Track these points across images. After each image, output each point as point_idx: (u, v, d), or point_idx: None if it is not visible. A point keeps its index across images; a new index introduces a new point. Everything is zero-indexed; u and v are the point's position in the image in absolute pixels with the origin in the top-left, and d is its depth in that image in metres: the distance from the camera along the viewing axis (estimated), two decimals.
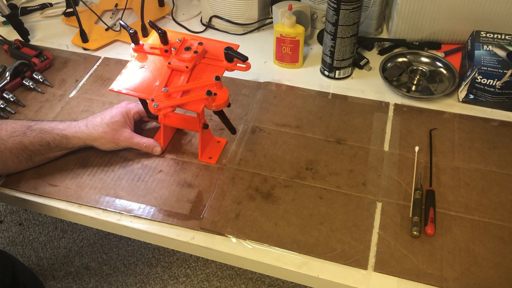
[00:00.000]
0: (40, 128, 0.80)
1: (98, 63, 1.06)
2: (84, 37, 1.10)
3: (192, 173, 0.82)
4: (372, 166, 0.81)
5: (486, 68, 0.87)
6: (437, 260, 0.68)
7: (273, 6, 1.04)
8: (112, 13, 1.21)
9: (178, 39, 0.81)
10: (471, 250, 0.69)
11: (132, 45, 0.83)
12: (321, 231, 0.72)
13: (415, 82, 0.96)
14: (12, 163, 0.79)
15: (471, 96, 0.91)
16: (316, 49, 1.07)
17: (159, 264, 1.57)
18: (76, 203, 0.78)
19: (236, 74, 0.99)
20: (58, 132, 0.80)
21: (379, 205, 0.75)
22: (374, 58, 1.04)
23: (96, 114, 0.84)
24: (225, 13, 1.11)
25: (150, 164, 0.83)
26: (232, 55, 0.76)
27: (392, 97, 0.94)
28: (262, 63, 1.05)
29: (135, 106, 0.86)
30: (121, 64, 1.05)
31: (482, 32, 0.94)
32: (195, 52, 0.79)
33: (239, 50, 0.76)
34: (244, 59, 0.76)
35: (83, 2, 1.19)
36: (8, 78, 0.98)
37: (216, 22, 1.14)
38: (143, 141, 0.84)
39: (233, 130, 0.83)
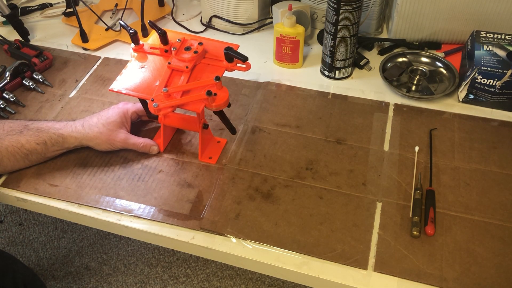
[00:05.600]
0: (37, 127, 0.80)
1: (98, 63, 1.06)
2: (84, 37, 1.10)
3: (192, 173, 0.82)
4: (372, 166, 0.81)
5: (486, 68, 0.87)
6: (437, 260, 0.68)
7: (273, 6, 1.04)
8: (112, 13, 1.21)
9: (178, 39, 0.81)
10: (471, 250, 0.69)
11: (132, 45, 0.83)
12: (321, 231, 0.72)
13: (415, 82, 0.96)
14: (9, 162, 0.79)
15: (471, 96, 0.91)
16: (316, 49, 1.07)
17: (159, 264, 1.57)
18: (76, 203, 0.78)
19: (236, 74, 0.99)
20: (55, 131, 0.80)
21: (379, 205, 0.75)
22: (374, 58, 1.04)
23: (93, 114, 0.84)
24: (225, 13, 1.11)
25: (150, 164, 0.84)
26: (232, 55, 0.76)
27: (392, 97, 0.94)
28: (262, 63, 1.05)
29: (133, 106, 0.86)
30: (121, 64, 1.05)
31: (482, 32, 0.94)
32: (195, 52, 0.79)
33: (239, 50, 0.76)
34: (244, 59, 0.76)
35: (83, 2, 1.19)
36: (8, 78, 0.98)
37: (216, 22, 1.14)
38: (139, 142, 0.83)
39: (233, 130, 0.83)
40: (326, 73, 0.99)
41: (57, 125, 0.81)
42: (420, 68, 0.99)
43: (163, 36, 0.80)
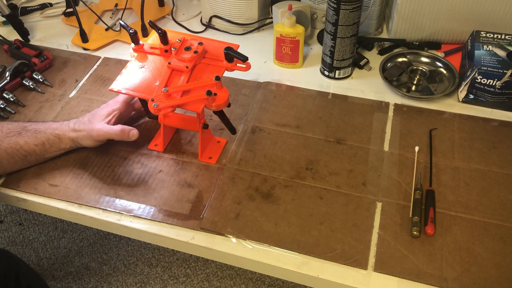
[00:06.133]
0: (35, 129, 0.80)
1: (98, 63, 1.06)
2: (84, 37, 1.10)
3: (192, 173, 0.82)
4: (372, 166, 0.81)
5: (486, 68, 0.87)
6: (437, 260, 0.68)
7: (273, 6, 1.04)
8: (112, 13, 1.21)
9: (178, 39, 0.81)
10: (471, 250, 0.69)
11: (132, 45, 0.83)
12: (321, 231, 0.72)
13: (415, 82, 0.96)
14: (8, 163, 0.79)
15: (471, 96, 0.91)
16: (316, 49, 1.07)
17: (159, 264, 1.57)
18: (76, 203, 0.78)
19: (236, 74, 0.99)
20: (52, 132, 0.81)
21: (379, 205, 0.75)
22: (374, 58, 1.04)
23: (87, 114, 0.84)
24: (225, 13, 1.11)
25: (150, 164, 0.83)
26: (232, 55, 0.76)
27: (392, 97, 0.94)
28: (262, 63, 1.05)
29: (120, 96, 0.84)
30: (121, 64, 1.05)
31: (482, 32, 0.94)
32: (195, 52, 0.79)
33: (239, 50, 0.76)
34: (244, 59, 0.76)
35: (83, 2, 1.19)
36: (8, 78, 0.98)
37: (216, 22, 1.14)
38: (116, 128, 0.80)
39: (233, 130, 0.83)
40: (326, 73, 0.99)
41: (53, 126, 0.82)
42: (420, 68, 0.99)
43: (163, 36, 0.80)
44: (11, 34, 1.14)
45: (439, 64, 0.99)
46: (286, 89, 0.97)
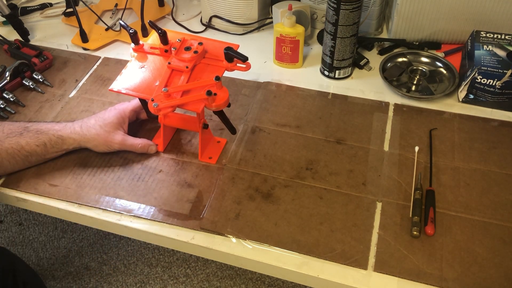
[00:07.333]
0: (36, 129, 0.80)
1: (98, 63, 1.06)
2: (84, 37, 1.10)
3: (192, 173, 0.82)
4: (372, 166, 0.81)
5: (486, 68, 0.87)
6: (437, 260, 0.68)
7: (273, 6, 1.04)
8: (112, 13, 1.21)
9: (178, 39, 0.81)
10: (471, 250, 0.69)
11: (132, 45, 0.83)
12: (321, 231, 0.72)
13: (415, 82, 0.96)
14: (9, 163, 0.79)
15: (471, 96, 0.91)
16: (316, 49, 1.07)
17: (159, 264, 1.57)
18: (76, 203, 0.78)
19: (236, 74, 0.99)
20: (54, 133, 0.80)
21: (379, 205, 0.75)
22: (374, 58, 1.04)
23: (91, 116, 0.84)
24: (225, 13, 1.11)
25: (150, 164, 0.83)
26: (232, 55, 0.76)
27: (392, 97, 0.94)
28: (262, 63, 1.05)
29: (129, 104, 0.86)
30: (121, 64, 1.05)
31: (482, 32, 0.94)
32: (195, 52, 0.79)
33: (239, 50, 0.76)
34: (244, 59, 0.76)
35: (83, 2, 1.19)
36: (8, 78, 0.98)
37: (216, 22, 1.14)
38: (137, 142, 0.83)
39: (233, 130, 0.83)
40: (326, 73, 0.99)
41: (56, 127, 0.82)
42: (420, 68, 0.99)
43: (163, 36, 0.80)
44: (11, 34, 1.14)
45: (439, 64, 0.99)
46: (286, 89, 0.97)
